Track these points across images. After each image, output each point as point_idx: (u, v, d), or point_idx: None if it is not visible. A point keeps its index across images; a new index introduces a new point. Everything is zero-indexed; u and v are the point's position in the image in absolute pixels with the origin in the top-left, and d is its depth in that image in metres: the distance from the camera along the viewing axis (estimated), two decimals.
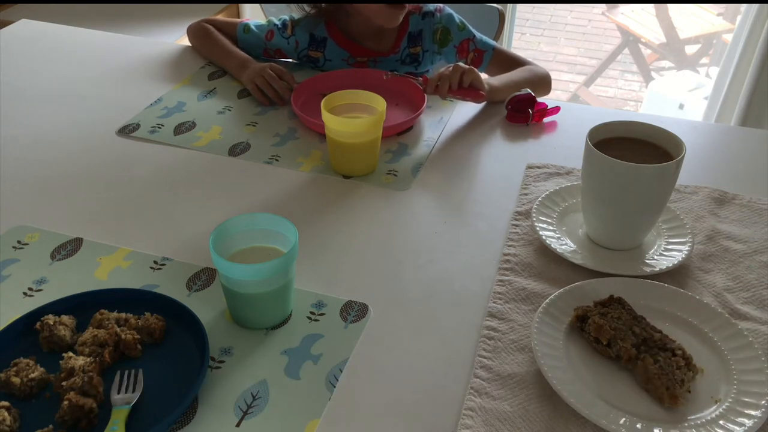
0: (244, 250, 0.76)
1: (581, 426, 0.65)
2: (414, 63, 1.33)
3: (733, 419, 0.64)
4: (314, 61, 1.33)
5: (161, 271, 0.84)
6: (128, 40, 1.49)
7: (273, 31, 1.32)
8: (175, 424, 0.65)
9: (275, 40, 1.32)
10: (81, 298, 0.76)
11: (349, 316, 0.78)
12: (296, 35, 1.31)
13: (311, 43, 1.31)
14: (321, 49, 1.31)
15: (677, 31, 3.31)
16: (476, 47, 1.29)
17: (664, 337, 0.71)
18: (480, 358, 0.72)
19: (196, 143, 1.10)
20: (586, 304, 0.75)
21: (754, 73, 2.15)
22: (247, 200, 0.97)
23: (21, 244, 0.87)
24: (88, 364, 0.66)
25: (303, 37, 1.31)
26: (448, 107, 1.22)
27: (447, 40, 1.30)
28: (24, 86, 1.27)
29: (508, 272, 0.83)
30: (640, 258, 0.85)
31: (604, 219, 0.85)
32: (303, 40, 1.31)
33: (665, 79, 3.32)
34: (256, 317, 0.75)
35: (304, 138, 1.12)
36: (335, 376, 0.70)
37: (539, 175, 1.02)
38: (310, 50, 1.32)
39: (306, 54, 1.32)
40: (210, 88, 1.27)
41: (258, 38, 1.33)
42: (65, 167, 1.04)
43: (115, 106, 1.20)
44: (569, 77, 3.66)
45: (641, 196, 0.81)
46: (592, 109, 1.98)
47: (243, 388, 0.69)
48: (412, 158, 1.07)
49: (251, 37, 1.33)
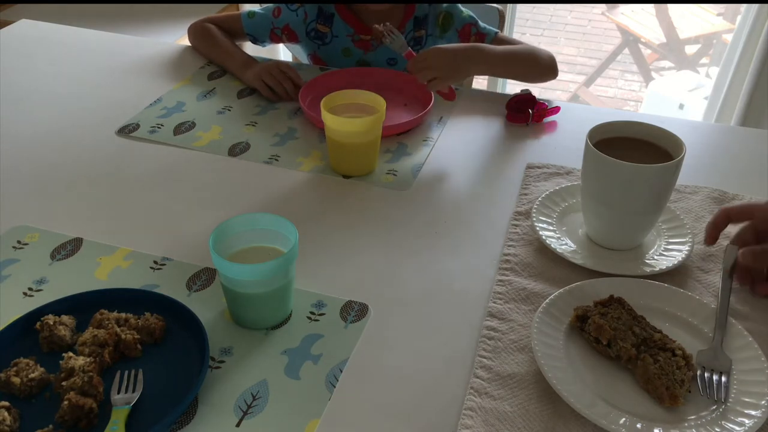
0: (244, 250, 0.76)
1: (581, 426, 0.65)
2: (417, 46, 1.34)
3: (733, 419, 0.64)
4: (321, 37, 1.34)
5: (161, 271, 0.84)
6: (128, 40, 1.49)
7: (280, 7, 1.33)
8: (175, 424, 0.65)
9: (283, 15, 1.33)
10: (81, 298, 0.76)
11: (349, 316, 0.78)
12: (305, 7, 1.32)
13: (319, 15, 1.32)
14: (329, 24, 1.32)
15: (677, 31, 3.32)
16: (478, 31, 1.29)
17: (664, 337, 0.71)
18: (480, 358, 0.72)
19: (196, 143, 1.10)
20: (586, 304, 0.75)
21: (754, 73, 2.15)
22: (247, 200, 0.97)
23: (21, 244, 0.87)
24: (88, 364, 0.66)
25: (311, 10, 1.32)
26: (448, 107, 1.22)
27: (449, 25, 1.31)
28: (24, 86, 1.27)
29: (508, 272, 0.83)
30: (640, 258, 0.85)
31: (603, 219, 0.85)
32: (312, 12, 1.32)
33: (665, 79, 3.33)
34: (256, 317, 0.75)
35: (304, 138, 1.12)
36: (335, 376, 0.70)
37: (539, 175, 1.02)
38: (318, 23, 1.32)
39: (314, 27, 1.33)
40: (210, 88, 1.27)
41: (265, 19, 1.34)
42: (65, 167, 1.04)
43: (114, 106, 1.20)
44: (569, 77, 3.66)
45: (641, 196, 0.81)
46: (592, 109, 1.98)
47: (243, 388, 0.69)
48: (412, 158, 1.07)
49: (257, 20, 1.34)
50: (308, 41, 1.36)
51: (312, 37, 1.35)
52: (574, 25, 4.27)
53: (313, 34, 1.34)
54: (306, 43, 1.37)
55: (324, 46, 1.35)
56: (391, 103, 1.07)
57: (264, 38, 1.36)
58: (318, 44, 1.35)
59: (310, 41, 1.36)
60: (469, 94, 1.28)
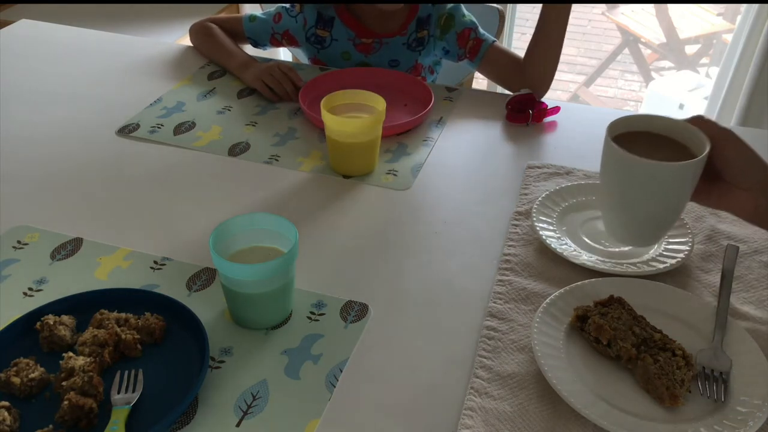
0: (244, 250, 0.76)
1: (581, 426, 0.65)
2: (419, 47, 1.34)
3: (733, 419, 0.64)
4: (321, 41, 1.34)
5: (161, 271, 0.84)
6: (128, 40, 1.49)
7: (281, 13, 1.34)
8: (175, 424, 0.65)
9: (283, 21, 1.34)
10: (81, 298, 0.76)
11: (349, 316, 0.78)
12: (304, 13, 1.32)
13: (318, 21, 1.32)
14: (328, 28, 1.32)
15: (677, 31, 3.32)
16: (476, 37, 1.29)
17: (664, 337, 0.71)
18: (480, 358, 0.72)
19: (196, 143, 1.10)
20: (586, 304, 0.75)
21: (754, 73, 2.15)
22: (247, 200, 0.97)
23: (21, 244, 0.87)
24: (88, 364, 0.66)
25: (311, 15, 1.32)
26: (448, 107, 1.22)
27: (450, 27, 1.31)
28: (24, 86, 1.27)
29: (508, 272, 0.83)
30: (640, 258, 0.85)
31: (622, 218, 0.80)
32: (311, 17, 1.32)
33: (665, 79, 3.33)
34: (256, 317, 0.75)
35: (304, 138, 1.12)
36: (335, 376, 0.70)
37: (539, 175, 1.02)
38: (318, 28, 1.33)
39: (313, 33, 1.33)
40: (210, 88, 1.27)
41: (265, 23, 1.34)
42: (65, 167, 1.04)
43: (114, 106, 1.20)
44: (569, 77, 3.66)
45: (662, 194, 0.75)
46: (592, 109, 1.98)
47: (243, 388, 0.69)
48: (412, 158, 1.07)
49: (258, 24, 1.35)
50: (308, 46, 1.36)
51: (312, 42, 1.35)
52: (574, 25, 4.27)
53: (312, 39, 1.34)
54: (306, 48, 1.38)
55: (324, 49, 1.35)
56: (391, 103, 1.07)
57: (264, 42, 1.37)
58: (318, 48, 1.35)
59: (310, 46, 1.36)
60: (469, 94, 1.28)
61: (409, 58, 1.34)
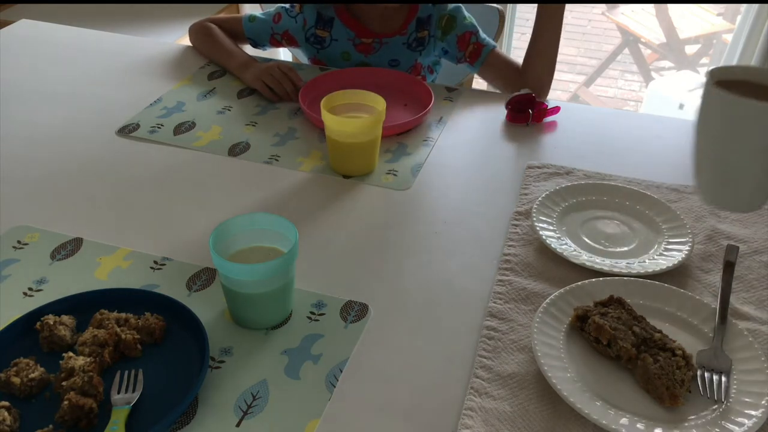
0: (244, 250, 0.76)
1: (581, 426, 0.65)
2: (419, 47, 1.34)
3: (733, 419, 0.64)
4: (321, 41, 1.34)
5: (161, 271, 0.84)
6: (128, 40, 1.49)
7: (281, 13, 1.34)
8: (175, 424, 0.65)
9: (283, 21, 1.34)
10: (81, 298, 0.76)
11: (349, 316, 0.78)
12: (304, 13, 1.32)
13: (318, 21, 1.32)
14: (328, 28, 1.32)
15: (677, 31, 3.32)
16: (477, 41, 1.29)
17: (664, 337, 0.71)
18: (480, 358, 0.72)
19: (196, 143, 1.10)
20: (586, 304, 0.75)
21: None
22: (247, 200, 0.97)
23: (21, 244, 0.87)
24: (88, 364, 0.66)
25: (311, 15, 1.32)
26: (448, 107, 1.22)
27: (451, 28, 1.31)
28: (24, 86, 1.27)
29: (508, 272, 0.83)
30: (640, 258, 0.85)
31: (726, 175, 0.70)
32: (311, 18, 1.32)
33: (665, 79, 3.32)
34: (256, 317, 0.75)
35: (304, 138, 1.12)
36: (335, 376, 0.70)
37: (539, 175, 1.02)
38: (317, 29, 1.33)
39: (313, 33, 1.33)
40: (210, 88, 1.27)
41: (265, 24, 1.35)
42: (65, 167, 1.04)
43: (115, 106, 1.20)
44: (569, 77, 3.66)
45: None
46: (592, 109, 1.98)
47: (243, 388, 0.69)
48: (412, 158, 1.07)
49: (258, 24, 1.35)
50: (308, 46, 1.36)
51: (312, 42, 1.35)
52: (574, 25, 4.27)
53: (312, 39, 1.34)
54: (306, 48, 1.38)
55: (323, 50, 1.35)
56: (391, 103, 1.07)
57: (264, 42, 1.37)
58: (317, 48, 1.35)
59: (309, 46, 1.36)
60: (469, 94, 1.28)
61: (409, 58, 1.34)
